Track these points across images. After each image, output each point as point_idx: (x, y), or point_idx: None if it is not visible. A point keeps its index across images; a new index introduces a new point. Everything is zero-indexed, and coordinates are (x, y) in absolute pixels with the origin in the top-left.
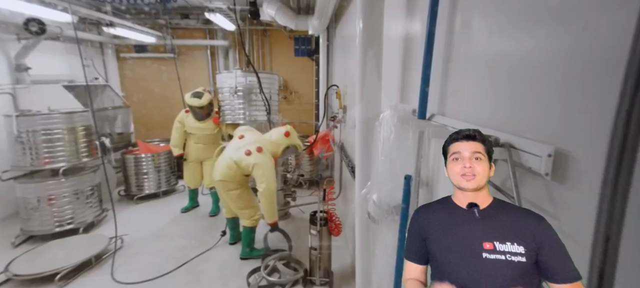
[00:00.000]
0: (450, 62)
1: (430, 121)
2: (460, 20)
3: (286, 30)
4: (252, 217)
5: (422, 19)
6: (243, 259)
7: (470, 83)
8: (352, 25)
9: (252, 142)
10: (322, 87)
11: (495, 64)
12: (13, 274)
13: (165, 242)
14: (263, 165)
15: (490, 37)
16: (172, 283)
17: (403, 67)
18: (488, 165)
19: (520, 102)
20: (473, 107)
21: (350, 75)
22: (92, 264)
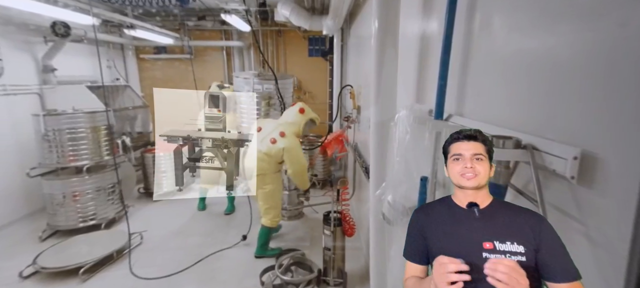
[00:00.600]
0: (468, 62)
1: (447, 122)
2: (479, 18)
3: (300, 31)
4: (274, 218)
5: (439, 18)
6: (258, 257)
7: (489, 83)
8: (367, 24)
9: (273, 129)
10: (335, 87)
11: (515, 63)
12: (41, 267)
13: (182, 238)
14: (290, 148)
15: (510, 35)
16: (188, 279)
17: (419, 66)
18: (488, 165)
19: (542, 102)
20: (492, 107)
21: (364, 75)
22: (114, 259)
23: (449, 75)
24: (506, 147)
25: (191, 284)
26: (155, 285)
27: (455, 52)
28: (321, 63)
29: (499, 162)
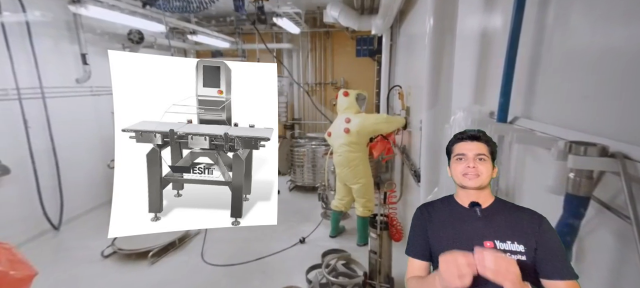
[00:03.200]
0: (539, 58)
1: (512, 125)
2: (554, 9)
3: (348, 31)
4: (370, 208)
5: (504, 11)
6: (360, 246)
7: (567, 82)
8: (419, 22)
9: (339, 125)
10: (383, 87)
11: (601, 60)
12: (118, 248)
13: (238, 232)
14: (362, 118)
15: (596, 28)
16: (239, 271)
17: (478, 65)
18: (491, 166)
19: (635, 105)
20: (571, 110)
21: (415, 74)
22: (176, 246)
23: (515, 74)
24: (589, 155)
25: (245, 274)
26: (213, 271)
27: (523, 48)
28: (368, 63)
29: (578, 171)
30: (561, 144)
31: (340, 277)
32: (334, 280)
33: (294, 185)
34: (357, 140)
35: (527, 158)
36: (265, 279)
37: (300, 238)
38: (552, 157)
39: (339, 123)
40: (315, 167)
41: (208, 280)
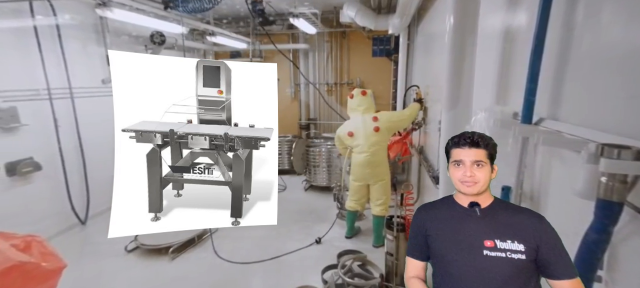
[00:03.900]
0: (567, 58)
1: (538, 126)
2: (583, 7)
3: (365, 31)
4: (387, 208)
5: (529, 9)
6: (376, 246)
7: (597, 83)
8: (438, 21)
9: (363, 123)
10: (400, 87)
11: (634, 60)
12: (140, 243)
13: (256, 231)
14: (387, 114)
15: (629, 27)
16: (255, 269)
17: (501, 64)
18: (490, 169)
19: None
20: (601, 111)
21: (434, 74)
22: (195, 243)
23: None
24: (623, 158)
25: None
26: (231, 268)
27: (550, 47)
28: (385, 63)
29: (611, 175)
30: (592, 147)
31: (356, 278)
32: (350, 281)
33: (310, 185)
34: (386, 138)
35: (553, 160)
36: (281, 278)
37: (316, 238)
38: (581, 160)
39: (363, 122)
40: (331, 167)
41: (225, 277)
